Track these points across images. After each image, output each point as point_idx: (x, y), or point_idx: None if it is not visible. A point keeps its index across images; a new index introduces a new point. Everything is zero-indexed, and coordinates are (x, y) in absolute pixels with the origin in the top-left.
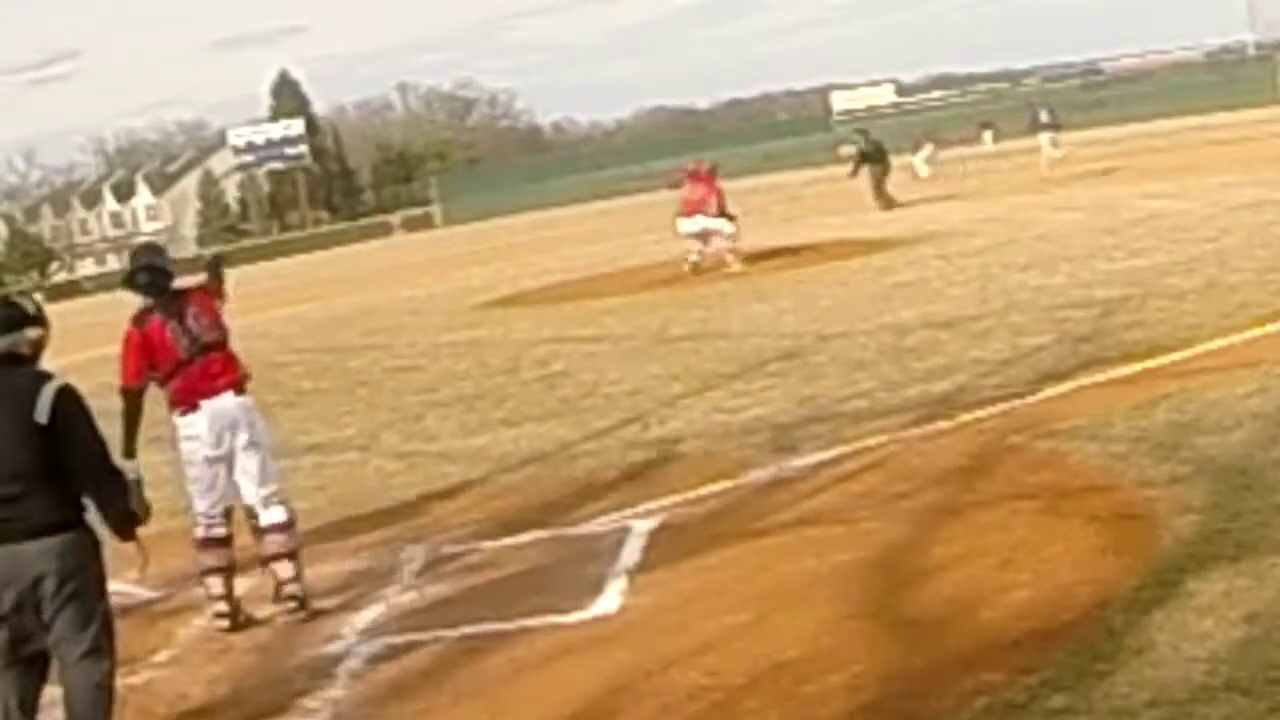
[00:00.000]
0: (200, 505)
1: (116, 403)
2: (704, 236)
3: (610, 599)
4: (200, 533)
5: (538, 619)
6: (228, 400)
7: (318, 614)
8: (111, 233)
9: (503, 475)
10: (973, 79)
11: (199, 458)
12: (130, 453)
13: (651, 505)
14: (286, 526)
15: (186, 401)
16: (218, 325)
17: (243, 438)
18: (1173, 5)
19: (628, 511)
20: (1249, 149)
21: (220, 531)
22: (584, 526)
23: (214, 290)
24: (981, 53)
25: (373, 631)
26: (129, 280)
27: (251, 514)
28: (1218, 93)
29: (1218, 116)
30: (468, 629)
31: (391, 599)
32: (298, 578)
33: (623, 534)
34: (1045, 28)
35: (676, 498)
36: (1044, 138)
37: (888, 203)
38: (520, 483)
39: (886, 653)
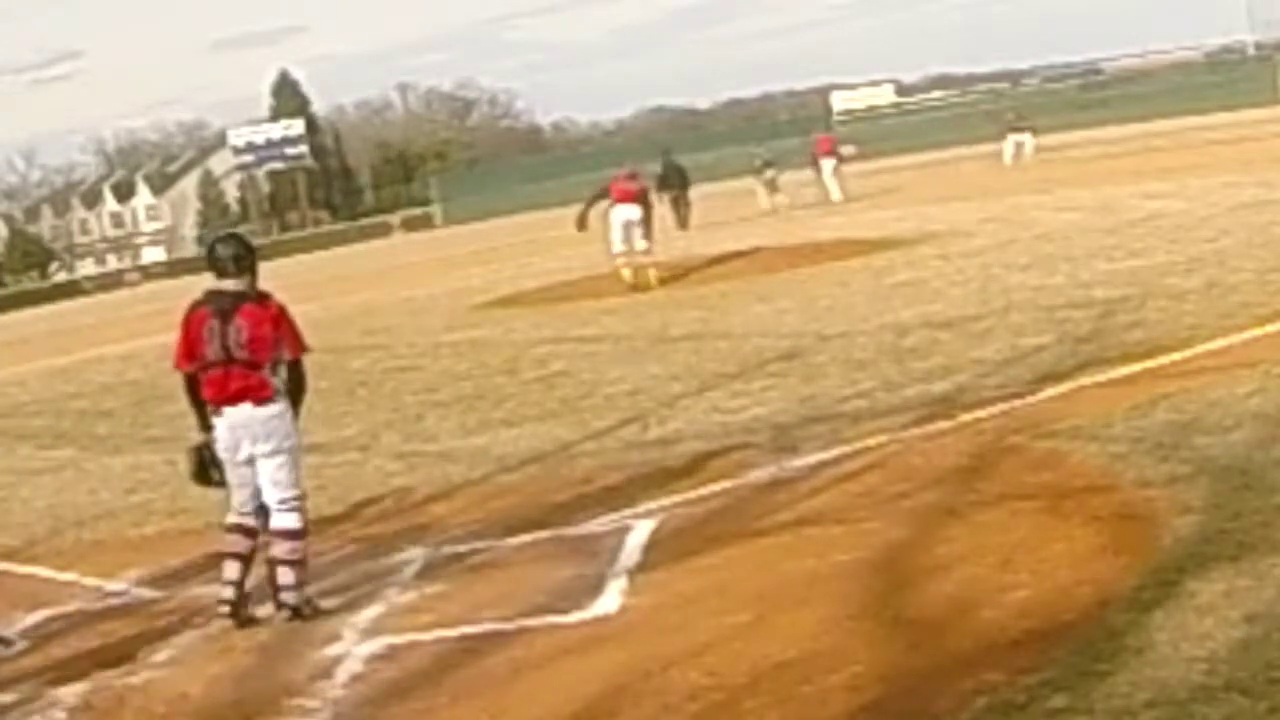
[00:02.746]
0: (233, 498)
1: (112, 401)
2: (628, 239)
3: (610, 599)
4: (229, 519)
5: (538, 619)
6: (244, 411)
7: (317, 614)
8: (111, 233)
9: (502, 475)
10: (972, 79)
11: (225, 457)
12: (205, 428)
13: (651, 505)
14: (294, 534)
15: (212, 402)
16: (259, 347)
17: (261, 447)
18: (1173, 5)
19: (627, 511)
20: (1249, 149)
21: (247, 521)
22: (584, 526)
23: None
24: (982, 52)
25: (373, 631)
26: (209, 253)
27: (267, 514)
28: (1218, 93)
29: (1218, 117)
30: (467, 629)
31: (391, 599)
32: (297, 586)
33: (622, 534)
34: (1045, 27)
35: (676, 498)
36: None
37: (683, 222)
38: (520, 483)
39: (886, 653)
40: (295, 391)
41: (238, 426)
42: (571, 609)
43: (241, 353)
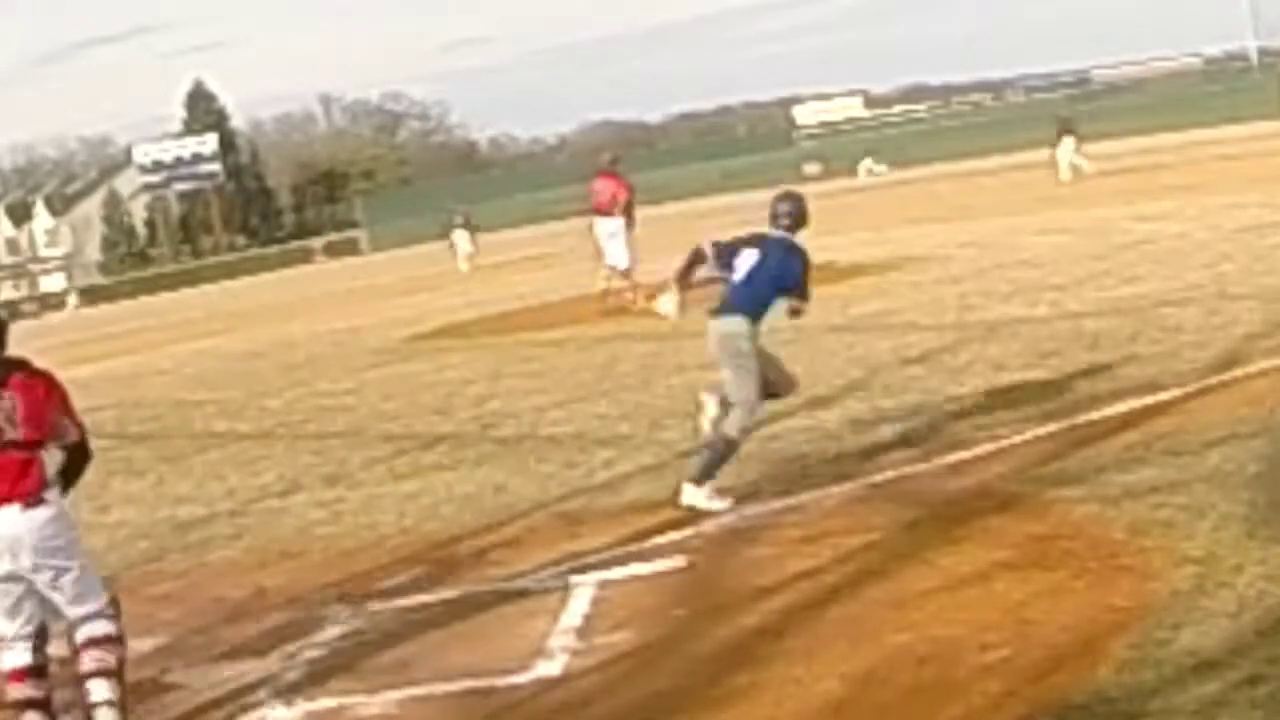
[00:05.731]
0: (1, 625)
1: None
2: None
3: (553, 660)
4: (6, 662)
5: (473, 681)
6: (12, 515)
7: None
8: (7, 260)
9: (435, 524)
10: (949, 90)
11: None
12: None
13: (597, 557)
14: (110, 640)
15: None
16: (36, 423)
17: (26, 561)
18: (1168, 10)
19: (572, 564)
20: (1253, 165)
21: (28, 659)
22: (524, 580)
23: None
24: (959, 61)
25: (293, 697)
26: None
27: (70, 629)
28: (1219, 103)
29: (1219, 130)
30: (395, 694)
31: (313, 661)
32: (117, 704)
33: (566, 588)
34: (1030, 35)
35: (624, 549)
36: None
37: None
38: (454, 532)
39: None
40: (72, 476)
41: (3, 537)
42: (511, 671)
43: (18, 431)
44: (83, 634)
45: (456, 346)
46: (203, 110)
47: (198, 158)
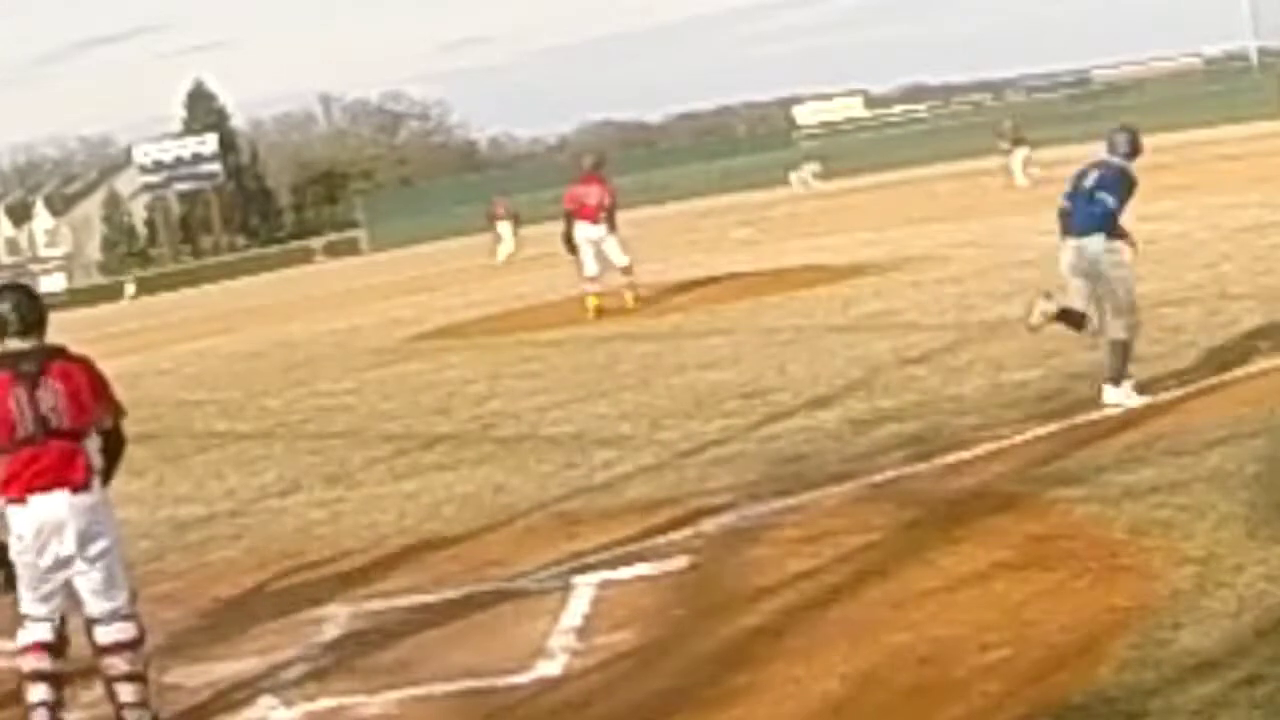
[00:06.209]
0: (29, 607)
1: None
2: (600, 257)
3: (553, 660)
4: (26, 637)
5: (473, 681)
6: (59, 500)
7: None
8: (7, 260)
9: (434, 524)
10: (950, 90)
11: (26, 560)
12: None
13: (598, 557)
14: (131, 645)
15: (13, 491)
16: (78, 410)
17: (70, 546)
18: (1168, 11)
19: (572, 564)
20: (1253, 165)
21: (49, 637)
22: (524, 580)
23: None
24: (959, 62)
25: (291, 697)
26: None
27: (90, 625)
28: (1219, 103)
29: (1219, 130)
30: (394, 694)
31: (312, 660)
32: (143, 704)
33: (566, 588)
34: (1030, 35)
35: (625, 549)
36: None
37: None
38: (454, 532)
39: None
40: (110, 463)
41: (46, 520)
42: (512, 671)
43: (64, 420)
44: (107, 636)
45: (456, 346)
46: (203, 110)
47: (198, 158)
